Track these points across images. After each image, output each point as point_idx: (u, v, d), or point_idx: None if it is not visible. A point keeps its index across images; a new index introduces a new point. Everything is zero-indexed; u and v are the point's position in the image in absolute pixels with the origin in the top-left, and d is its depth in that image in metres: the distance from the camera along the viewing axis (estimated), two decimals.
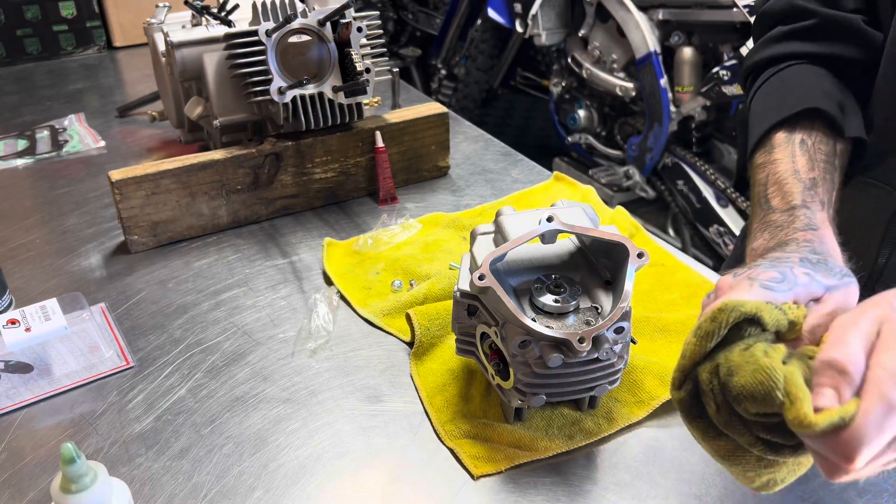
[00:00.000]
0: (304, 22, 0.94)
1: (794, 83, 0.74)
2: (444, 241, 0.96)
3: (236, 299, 0.87)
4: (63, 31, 1.76)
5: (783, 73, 0.76)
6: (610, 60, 2.41)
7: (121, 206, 0.93)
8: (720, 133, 2.28)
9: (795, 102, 0.70)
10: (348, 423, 0.69)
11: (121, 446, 0.66)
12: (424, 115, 1.10)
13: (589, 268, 0.66)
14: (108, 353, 0.77)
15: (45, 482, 0.63)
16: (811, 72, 0.75)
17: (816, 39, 0.76)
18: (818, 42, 0.75)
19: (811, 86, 0.73)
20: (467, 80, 3.14)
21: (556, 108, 2.75)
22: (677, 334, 0.78)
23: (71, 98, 1.52)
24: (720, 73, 2.05)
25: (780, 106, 0.72)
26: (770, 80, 0.77)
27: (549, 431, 0.66)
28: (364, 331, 0.81)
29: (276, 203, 1.03)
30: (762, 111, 0.74)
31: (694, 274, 0.89)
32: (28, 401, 0.72)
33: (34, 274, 0.93)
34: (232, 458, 0.65)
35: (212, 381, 0.74)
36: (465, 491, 0.62)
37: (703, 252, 2.30)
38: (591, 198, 1.05)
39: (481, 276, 0.59)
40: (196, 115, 1.06)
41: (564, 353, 0.58)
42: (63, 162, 1.23)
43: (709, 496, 0.61)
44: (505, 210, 0.66)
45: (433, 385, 0.72)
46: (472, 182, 1.14)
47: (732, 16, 2.00)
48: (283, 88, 0.94)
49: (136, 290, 0.89)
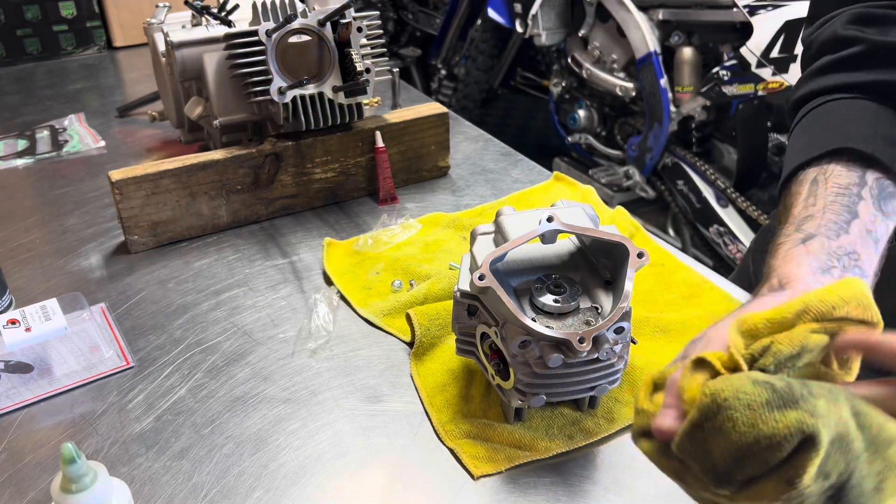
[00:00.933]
0: (304, 22, 0.94)
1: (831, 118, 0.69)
2: (444, 241, 0.96)
3: (236, 299, 0.87)
4: (63, 31, 1.76)
5: (817, 111, 0.72)
6: (610, 60, 2.41)
7: (121, 206, 0.93)
8: (720, 133, 2.27)
9: (826, 141, 0.66)
10: (348, 423, 0.69)
11: (121, 446, 0.67)
12: (424, 115, 1.10)
13: (589, 268, 0.66)
14: (108, 353, 0.77)
15: (45, 482, 0.63)
16: (853, 106, 0.70)
17: (864, 67, 0.71)
18: (866, 70, 0.71)
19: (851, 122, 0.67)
20: (467, 80, 3.14)
21: (556, 108, 2.75)
22: (677, 334, 0.78)
23: (71, 98, 1.52)
24: (720, 73, 2.05)
25: (808, 146, 0.67)
26: (808, 115, 0.72)
27: (549, 431, 0.66)
28: (364, 331, 0.81)
29: (276, 203, 1.03)
30: (799, 142, 0.70)
31: (694, 274, 0.89)
32: (28, 401, 0.72)
33: (34, 274, 0.93)
34: (232, 458, 0.65)
35: (212, 381, 0.74)
36: (465, 491, 0.62)
37: (703, 252, 2.30)
38: (591, 198, 1.05)
39: (481, 276, 0.59)
40: (196, 115, 1.06)
41: (564, 353, 0.58)
42: (63, 162, 1.23)
43: None
44: (505, 210, 0.66)
45: (433, 385, 0.72)
46: (472, 182, 1.14)
47: (732, 16, 2.00)
48: (283, 88, 0.94)
49: (136, 290, 0.89)
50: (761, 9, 1.93)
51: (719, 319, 0.50)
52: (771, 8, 1.92)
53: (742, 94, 2.02)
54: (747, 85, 2.00)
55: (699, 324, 0.79)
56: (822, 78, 0.74)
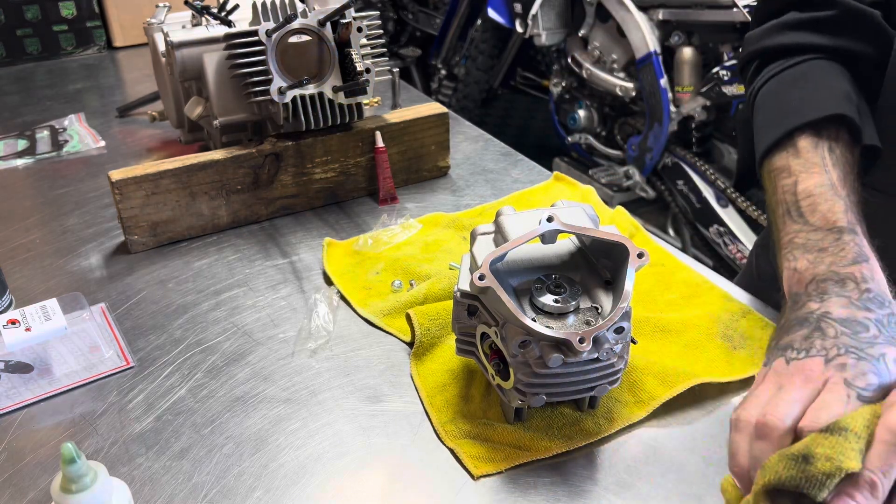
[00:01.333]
0: (304, 22, 0.95)
1: (817, 83, 0.70)
2: (444, 241, 0.96)
3: (236, 299, 0.87)
4: (63, 31, 1.76)
5: (802, 67, 0.72)
6: (610, 60, 2.41)
7: (121, 206, 0.93)
8: (720, 133, 2.28)
9: (822, 105, 0.67)
10: (348, 423, 0.69)
11: (121, 446, 0.67)
12: (424, 115, 1.10)
13: (589, 268, 0.66)
14: (108, 353, 0.77)
15: (45, 482, 0.63)
16: (833, 70, 0.70)
17: (835, 32, 0.71)
18: (836, 35, 0.71)
19: (835, 87, 0.69)
20: (467, 80, 3.14)
21: (556, 108, 2.75)
22: (677, 334, 0.78)
23: (71, 98, 1.52)
24: (720, 73, 2.05)
25: (802, 107, 0.67)
26: (786, 73, 0.73)
27: (549, 431, 0.66)
28: (364, 331, 0.81)
29: (276, 203, 1.03)
30: (778, 108, 0.70)
31: (694, 274, 0.89)
32: (28, 401, 0.72)
33: (34, 274, 0.93)
34: (232, 458, 0.65)
35: (212, 381, 0.74)
36: (465, 491, 0.62)
37: (703, 252, 2.30)
38: (591, 198, 1.05)
39: (481, 276, 0.59)
40: (196, 115, 1.06)
41: (564, 353, 0.58)
42: (63, 162, 1.23)
43: (709, 496, 0.60)
44: (505, 210, 0.66)
45: (433, 385, 0.72)
46: (472, 182, 1.14)
47: (732, 16, 2.00)
48: (283, 88, 0.94)
49: (136, 290, 0.89)
50: None
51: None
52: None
53: (742, 94, 2.02)
54: None
55: (699, 324, 0.79)
56: (792, 33, 0.73)
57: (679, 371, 0.71)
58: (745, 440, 0.50)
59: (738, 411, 0.52)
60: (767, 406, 0.50)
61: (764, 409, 0.50)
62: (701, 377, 0.70)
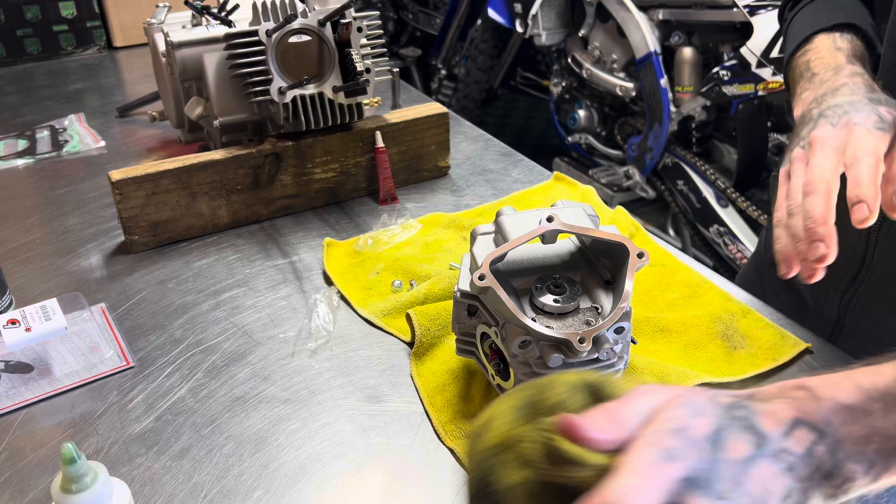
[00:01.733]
0: (304, 22, 0.95)
1: (841, 2, 0.79)
2: (444, 241, 0.96)
3: (236, 299, 0.87)
4: (63, 31, 1.76)
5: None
6: (610, 60, 2.41)
7: (121, 206, 0.93)
8: (720, 133, 2.28)
9: (839, 18, 0.75)
10: (348, 423, 0.69)
11: (121, 446, 0.67)
12: (424, 115, 1.10)
13: (589, 268, 0.66)
14: (109, 353, 0.77)
15: (45, 482, 0.63)
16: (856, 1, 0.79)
17: None
18: None
19: (857, 10, 0.77)
20: (467, 80, 3.14)
21: (556, 108, 2.75)
22: (677, 334, 0.78)
23: (71, 98, 1.52)
24: (720, 73, 2.05)
25: (821, 20, 0.76)
26: (815, 2, 0.81)
27: None
28: (364, 331, 0.82)
29: (276, 203, 1.03)
30: (802, 25, 0.79)
31: (694, 274, 0.89)
32: (28, 401, 0.72)
33: (34, 274, 0.93)
34: (232, 458, 0.65)
35: (212, 381, 0.74)
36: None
37: (703, 252, 2.30)
38: (591, 198, 1.05)
39: (481, 276, 0.59)
40: (196, 115, 1.06)
41: (564, 353, 0.58)
42: (63, 162, 1.23)
43: None
44: (505, 210, 0.66)
45: (433, 385, 0.72)
46: (472, 182, 1.14)
47: (732, 16, 2.00)
48: (283, 88, 0.94)
49: (136, 290, 0.89)
50: (761, 9, 1.93)
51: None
52: (771, 8, 1.93)
53: (742, 94, 2.02)
54: (747, 85, 2.00)
55: (699, 324, 0.79)
56: None
57: (679, 371, 0.71)
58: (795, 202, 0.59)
59: (777, 208, 0.60)
60: (806, 175, 0.59)
61: (805, 178, 0.59)
62: (701, 377, 0.70)
